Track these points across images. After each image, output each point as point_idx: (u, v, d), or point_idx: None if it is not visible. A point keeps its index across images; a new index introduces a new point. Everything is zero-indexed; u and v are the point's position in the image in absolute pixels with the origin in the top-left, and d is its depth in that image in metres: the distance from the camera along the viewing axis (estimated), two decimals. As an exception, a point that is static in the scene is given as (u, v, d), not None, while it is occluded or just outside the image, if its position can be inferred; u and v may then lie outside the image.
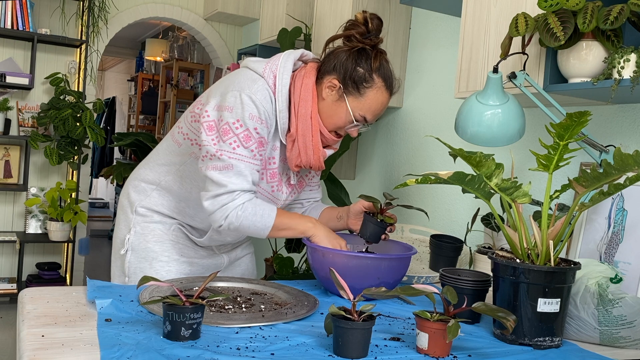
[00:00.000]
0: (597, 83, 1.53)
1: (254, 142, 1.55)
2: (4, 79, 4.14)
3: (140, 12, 4.76)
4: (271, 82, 1.59)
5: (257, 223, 1.57)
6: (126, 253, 1.74)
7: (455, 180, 1.25)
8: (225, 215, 1.55)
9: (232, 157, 1.53)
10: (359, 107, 1.60)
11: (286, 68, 1.61)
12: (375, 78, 1.60)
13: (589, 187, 1.24)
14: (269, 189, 1.68)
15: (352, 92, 1.59)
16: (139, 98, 7.99)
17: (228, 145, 1.53)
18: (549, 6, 1.52)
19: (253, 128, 1.54)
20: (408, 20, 2.90)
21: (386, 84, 1.62)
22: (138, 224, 1.75)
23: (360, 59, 1.59)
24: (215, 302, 1.37)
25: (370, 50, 1.60)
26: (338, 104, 1.61)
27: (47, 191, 4.46)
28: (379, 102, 1.61)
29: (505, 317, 1.13)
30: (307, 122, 1.60)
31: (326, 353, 1.11)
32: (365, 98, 1.60)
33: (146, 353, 1.03)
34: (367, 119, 1.62)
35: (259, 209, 1.57)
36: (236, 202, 1.54)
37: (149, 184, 1.77)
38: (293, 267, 3.17)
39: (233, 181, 1.53)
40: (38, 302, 1.30)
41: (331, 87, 1.60)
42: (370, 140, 3.16)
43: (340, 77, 1.59)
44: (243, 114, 1.53)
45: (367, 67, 1.59)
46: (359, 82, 1.59)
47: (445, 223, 2.59)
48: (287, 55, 1.65)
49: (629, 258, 1.46)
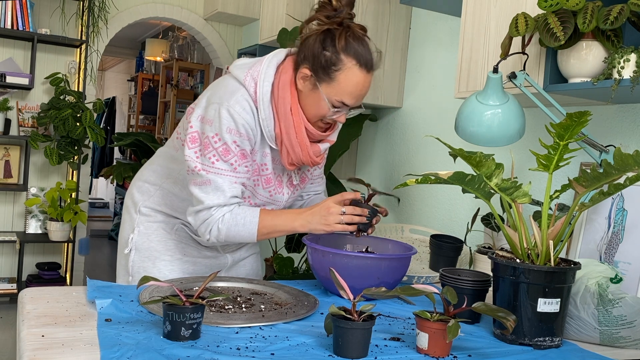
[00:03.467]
0: (597, 83, 1.53)
1: (233, 155, 1.53)
2: (4, 79, 4.14)
3: (140, 12, 4.76)
4: (252, 91, 1.55)
5: (242, 232, 1.56)
6: (130, 252, 1.75)
7: (455, 180, 1.25)
8: (209, 230, 1.56)
9: (211, 171, 1.53)
10: (333, 92, 1.52)
11: (267, 74, 1.55)
12: (344, 58, 1.49)
13: (589, 187, 1.24)
14: (267, 195, 1.67)
15: (324, 78, 1.51)
16: (139, 98, 7.99)
17: (208, 160, 1.53)
18: (549, 6, 1.52)
19: (232, 142, 1.52)
20: (408, 20, 2.90)
21: (359, 62, 1.50)
22: (142, 224, 1.76)
23: (326, 42, 1.50)
24: (215, 302, 1.37)
25: (335, 30, 1.50)
26: (314, 93, 1.53)
27: (47, 191, 4.46)
28: (353, 83, 1.51)
29: (505, 317, 1.13)
30: (288, 119, 1.55)
31: (326, 353, 1.11)
32: (337, 82, 1.50)
33: (146, 353, 1.03)
34: (347, 103, 1.53)
35: (239, 218, 1.55)
36: (215, 216, 1.55)
37: (152, 185, 1.77)
38: (293, 267, 3.17)
39: (210, 197, 1.53)
40: (38, 302, 1.30)
41: (304, 78, 1.53)
42: (370, 140, 3.16)
43: (310, 65, 1.52)
44: (221, 128, 1.51)
45: (333, 48, 1.49)
46: (327, 67, 1.50)
47: (445, 223, 2.59)
48: (269, 59, 1.59)
49: (629, 258, 1.46)
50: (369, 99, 2.82)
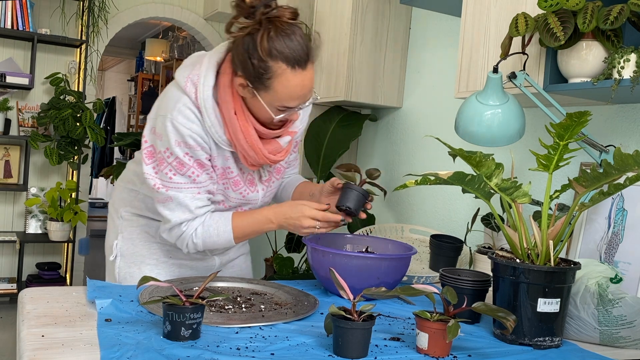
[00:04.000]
0: (597, 83, 1.53)
1: (189, 167, 1.47)
2: (4, 79, 4.14)
3: (140, 12, 4.76)
4: (193, 97, 1.44)
5: (218, 241, 1.55)
6: (115, 259, 1.71)
7: (455, 180, 1.25)
8: (185, 245, 1.55)
9: (170, 187, 1.48)
10: (272, 100, 1.42)
11: (207, 77, 1.45)
12: (272, 65, 1.36)
13: (589, 187, 1.24)
14: (239, 196, 1.61)
15: (259, 87, 1.40)
16: (139, 98, 7.99)
17: (165, 175, 1.48)
18: (549, 6, 1.52)
19: (183, 154, 1.46)
20: (408, 20, 2.90)
21: (289, 64, 1.37)
22: (125, 229, 1.72)
23: (250, 48, 1.37)
24: (215, 302, 1.37)
25: (256, 32, 1.36)
26: (255, 100, 1.44)
27: (47, 191, 4.46)
28: (291, 87, 1.39)
29: (505, 317, 1.13)
30: (234, 123, 1.46)
31: (326, 353, 1.11)
32: (273, 90, 1.39)
33: (146, 353, 1.03)
34: (290, 106, 1.43)
35: (212, 230, 1.53)
36: (187, 232, 1.52)
37: (131, 190, 1.73)
38: (293, 267, 3.17)
39: (176, 214, 1.50)
40: (38, 302, 1.30)
41: (242, 86, 1.43)
42: (370, 140, 3.16)
43: (243, 74, 1.40)
44: (169, 142, 1.45)
45: (257, 55, 1.36)
46: (258, 76, 1.38)
47: (445, 223, 2.59)
48: (209, 59, 1.48)
49: (629, 258, 1.46)
50: (369, 99, 2.82)
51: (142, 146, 1.53)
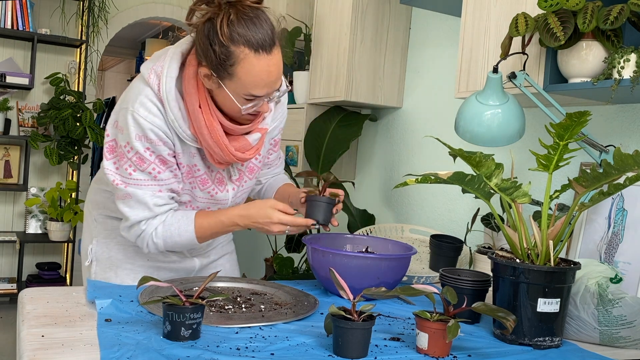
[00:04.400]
0: (597, 83, 1.53)
1: (150, 163, 1.41)
2: (4, 79, 4.14)
3: (140, 12, 4.76)
4: (156, 89, 1.39)
5: (180, 241, 1.48)
6: (91, 264, 1.64)
7: (455, 180, 1.25)
8: (145, 244, 1.49)
9: (130, 183, 1.42)
10: (238, 88, 1.35)
11: (171, 68, 1.39)
12: (234, 50, 1.30)
13: (589, 187, 1.24)
14: (207, 196, 1.55)
15: (224, 75, 1.33)
16: (139, 98, 7.98)
17: (124, 171, 1.42)
18: (549, 6, 1.52)
19: (144, 149, 1.39)
20: (408, 20, 2.90)
21: (252, 48, 1.30)
22: (99, 233, 1.65)
23: (211, 34, 1.31)
24: (215, 302, 1.37)
25: (216, 17, 1.31)
26: (221, 91, 1.37)
27: (47, 191, 4.46)
28: (255, 73, 1.32)
29: (505, 317, 1.13)
30: (198, 117, 1.39)
31: (326, 353, 1.11)
32: (237, 77, 1.32)
33: (146, 353, 1.03)
34: (258, 94, 1.36)
35: (173, 229, 1.46)
36: (147, 230, 1.46)
37: (104, 191, 1.65)
38: (293, 267, 3.17)
39: (135, 212, 1.44)
40: (38, 302, 1.30)
41: (206, 76, 1.36)
42: (370, 140, 3.16)
43: (207, 63, 1.34)
44: (130, 136, 1.39)
45: (219, 41, 1.30)
46: (221, 63, 1.32)
47: (445, 223, 2.59)
48: (173, 50, 1.43)
49: (629, 258, 1.46)
50: (369, 99, 2.82)
51: (104, 140, 1.47)
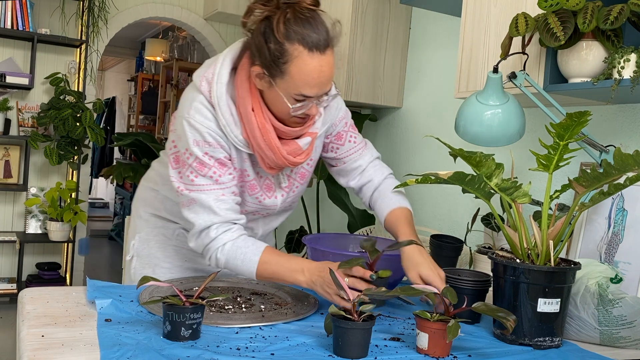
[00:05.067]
0: (597, 83, 1.53)
1: (210, 167, 1.42)
2: (4, 79, 4.14)
3: (140, 12, 4.75)
4: (208, 95, 1.42)
5: (240, 267, 1.42)
6: (132, 259, 1.70)
7: (455, 180, 1.25)
8: (208, 257, 1.46)
9: (193, 189, 1.43)
10: (289, 87, 1.35)
11: (221, 74, 1.43)
12: (289, 47, 1.32)
13: (589, 187, 1.24)
14: (255, 201, 1.56)
15: (276, 74, 1.35)
16: (139, 98, 7.99)
17: (187, 178, 1.44)
18: (549, 6, 1.52)
19: (203, 154, 1.42)
20: (408, 20, 2.90)
21: (306, 46, 1.32)
22: (142, 230, 1.70)
23: (267, 32, 1.33)
24: (215, 302, 1.37)
25: (273, 15, 1.33)
26: (272, 90, 1.38)
27: (47, 191, 4.45)
28: (307, 72, 1.33)
29: (505, 317, 1.13)
30: (251, 120, 1.41)
31: (326, 353, 1.11)
32: (289, 75, 1.34)
33: (146, 353, 1.03)
34: (308, 94, 1.36)
35: (239, 253, 1.41)
36: (216, 243, 1.43)
37: (151, 190, 1.70)
38: (293, 267, 3.16)
39: (200, 217, 1.43)
40: (38, 302, 1.30)
41: (258, 76, 1.38)
42: (370, 140, 3.15)
43: (260, 62, 1.36)
44: (188, 142, 1.42)
45: (274, 38, 1.32)
46: (275, 61, 1.33)
47: (445, 223, 2.59)
48: (224, 56, 1.46)
49: (629, 258, 1.46)
50: (369, 99, 2.82)
51: (169, 148, 1.49)
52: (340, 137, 1.65)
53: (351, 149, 1.66)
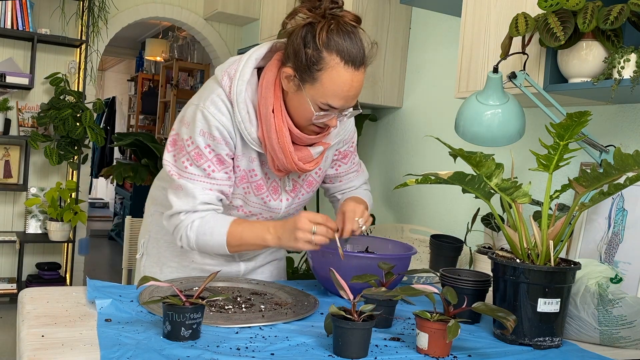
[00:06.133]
0: (597, 83, 1.53)
1: (206, 160, 1.45)
2: (4, 79, 4.14)
3: (140, 12, 4.75)
4: (228, 90, 1.45)
5: (210, 242, 1.46)
6: (142, 257, 1.72)
7: (455, 180, 1.25)
8: (179, 236, 1.49)
9: (183, 176, 1.46)
10: (317, 94, 1.38)
11: (244, 72, 1.44)
12: (326, 56, 1.35)
13: (589, 187, 1.24)
14: (260, 202, 1.57)
15: (306, 78, 1.37)
16: (139, 98, 7.99)
17: (181, 164, 1.47)
18: (549, 6, 1.52)
19: (204, 146, 1.44)
20: (408, 20, 2.90)
21: (343, 59, 1.35)
22: (153, 228, 1.71)
23: (307, 37, 1.36)
24: (215, 302, 1.37)
25: (317, 23, 1.36)
26: (299, 94, 1.41)
27: (47, 191, 4.46)
28: (338, 83, 1.36)
29: (505, 317, 1.13)
30: (270, 121, 1.43)
31: (326, 353, 1.11)
32: (320, 83, 1.36)
33: (146, 353, 1.03)
34: (333, 105, 1.39)
35: (207, 227, 1.45)
36: (185, 222, 1.47)
37: (162, 188, 1.69)
38: (293, 267, 3.17)
39: (180, 202, 1.46)
40: (38, 302, 1.30)
41: (288, 78, 1.40)
42: (370, 140, 3.16)
43: (293, 64, 1.39)
44: (194, 130, 1.44)
45: (314, 45, 1.35)
46: (309, 66, 1.36)
47: (445, 223, 2.59)
48: (249, 55, 1.48)
49: (629, 258, 1.46)
50: (369, 99, 2.82)
51: (169, 134, 1.52)
52: (346, 156, 1.71)
53: (351, 169, 1.73)
